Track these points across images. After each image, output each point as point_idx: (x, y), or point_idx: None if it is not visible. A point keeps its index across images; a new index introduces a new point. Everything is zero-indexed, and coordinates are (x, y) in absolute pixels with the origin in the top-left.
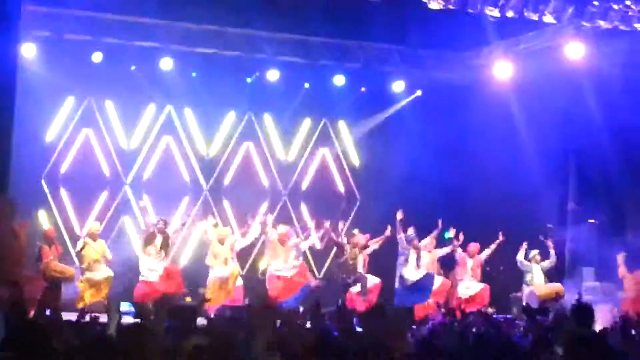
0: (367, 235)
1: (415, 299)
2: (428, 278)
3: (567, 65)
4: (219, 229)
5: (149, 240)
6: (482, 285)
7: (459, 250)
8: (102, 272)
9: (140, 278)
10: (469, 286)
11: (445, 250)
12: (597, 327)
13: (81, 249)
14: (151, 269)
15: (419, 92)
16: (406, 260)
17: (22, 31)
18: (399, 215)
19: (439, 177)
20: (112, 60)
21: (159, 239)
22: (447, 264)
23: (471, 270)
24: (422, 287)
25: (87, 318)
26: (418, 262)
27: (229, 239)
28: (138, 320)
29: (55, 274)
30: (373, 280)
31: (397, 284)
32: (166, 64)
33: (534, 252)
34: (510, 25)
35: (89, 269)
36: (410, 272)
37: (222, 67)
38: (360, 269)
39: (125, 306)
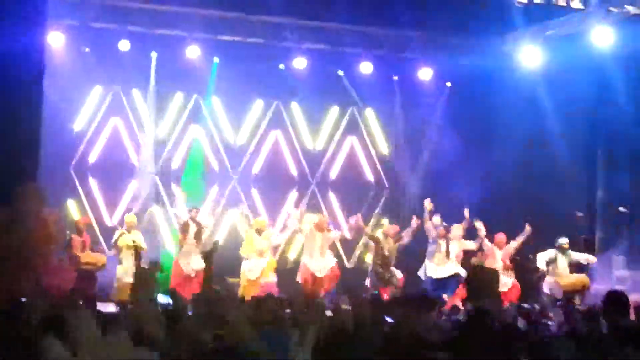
0: (396, 227)
1: (440, 292)
2: (456, 278)
3: (595, 51)
4: (256, 219)
5: (184, 229)
6: (513, 280)
7: (486, 241)
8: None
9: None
10: (501, 280)
11: (474, 243)
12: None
13: (117, 239)
14: (188, 265)
15: (448, 84)
16: (435, 251)
17: (49, 20)
18: (428, 205)
19: (465, 165)
20: (139, 48)
21: (192, 228)
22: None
23: (502, 262)
24: (448, 285)
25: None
26: (447, 251)
27: (267, 231)
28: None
29: (89, 266)
30: (399, 275)
31: (423, 275)
32: (193, 52)
33: (563, 241)
34: (537, 11)
35: (125, 261)
36: (439, 264)
37: (248, 55)
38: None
39: (162, 298)
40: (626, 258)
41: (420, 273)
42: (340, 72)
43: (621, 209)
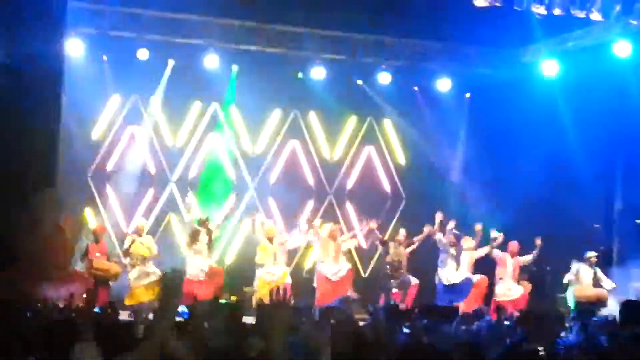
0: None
1: (453, 298)
2: (466, 282)
3: (615, 63)
4: (267, 227)
5: (194, 237)
6: (522, 290)
7: (497, 251)
8: (151, 270)
9: (187, 277)
10: (511, 287)
11: (485, 250)
12: None
13: (129, 247)
14: (197, 268)
15: (467, 95)
16: (446, 260)
17: (68, 28)
18: (439, 217)
19: (484, 175)
20: (157, 57)
21: (203, 236)
22: (487, 263)
23: (512, 270)
24: (460, 290)
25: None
26: (458, 262)
27: (277, 237)
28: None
29: (99, 272)
30: (413, 281)
31: (437, 282)
32: (211, 61)
33: (591, 254)
34: (556, 23)
35: (138, 266)
36: (450, 273)
37: (266, 65)
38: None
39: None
40: None
41: (437, 282)
42: (360, 82)
43: (595, 225)
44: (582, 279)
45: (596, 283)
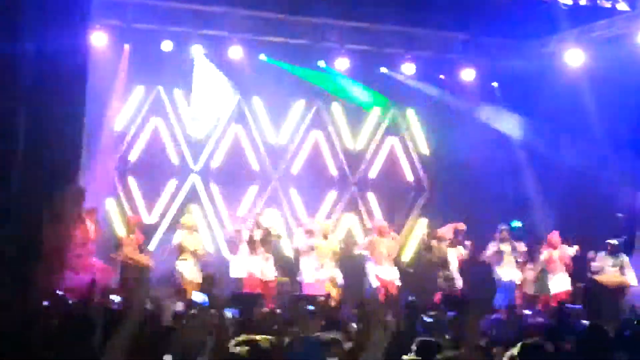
0: (450, 229)
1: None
2: (511, 287)
3: None
4: (320, 224)
5: (252, 239)
6: (569, 280)
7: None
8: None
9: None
10: (563, 279)
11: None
12: None
13: (180, 242)
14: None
15: (495, 84)
16: (504, 255)
17: (92, 20)
18: (461, 226)
19: (507, 166)
20: (181, 49)
21: (258, 233)
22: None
23: (559, 260)
24: (504, 289)
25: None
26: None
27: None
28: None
29: (130, 263)
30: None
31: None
32: (235, 52)
33: (613, 242)
34: (582, 13)
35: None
36: (506, 266)
37: (290, 56)
38: (454, 268)
39: (196, 296)
40: None
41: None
42: (384, 69)
43: (619, 214)
44: (604, 267)
45: (621, 271)
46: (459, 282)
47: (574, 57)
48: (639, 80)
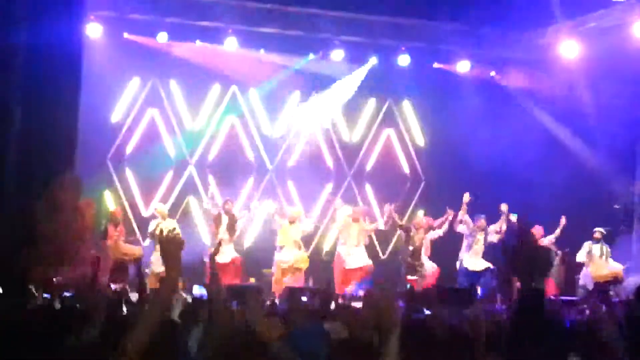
0: (430, 220)
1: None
2: (489, 273)
3: (635, 44)
4: (291, 210)
5: (216, 222)
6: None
7: None
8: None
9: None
10: None
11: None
12: None
13: (154, 230)
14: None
15: (492, 73)
16: (470, 245)
17: (87, 11)
18: (466, 198)
19: (503, 157)
20: (177, 40)
21: (225, 220)
22: None
23: None
24: (482, 279)
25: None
26: (485, 245)
27: (299, 222)
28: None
29: (122, 255)
30: (431, 268)
31: (458, 268)
32: (230, 44)
33: (599, 231)
34: (577, 4)
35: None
36: (474, 259)
37: (285, 47)
38: (424, 254)
39: (196, 289)
40: None
41: (458, 267)
42: (374, 60)
43: (616, 206)
44: (593, 258)
45: (606, 260)
46: (429, 270)
47: (568, 48)
48: (634, 71)
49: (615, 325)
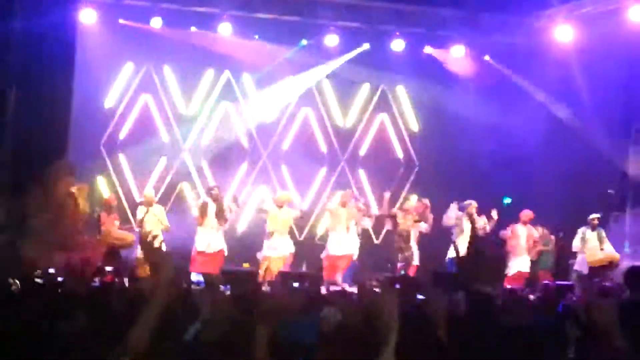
0: (422, 205)
1: None
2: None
3: (630, 28)
4: (281, 193)
5: (202, 210)
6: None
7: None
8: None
9: (197, 249)
10: (523, 262)
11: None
12: None
13: (144, 217)
14: (205, 241)
15: (487, 57)
16: (462, 230)
17: None
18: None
19: (497, 142)
20: (171, 25)
21: (212, 207)
22: None
23: (526, 241)
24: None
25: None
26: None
27: (287, 206)
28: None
29: (115, 241)
30: (416, 258)
31: (449, 255)
32: (225, 29)
33: (593, 216)
34: None
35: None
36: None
37: (281, 33)
38: (413, 241)
39: (193, 276)
40: None
41: (449, 254)
42: (366, 45)
43: (610, 191)
44: (588, 244)
45: (602, 245)
46: (416, 258)
47: (563, 32)
48: (629, 56)
49: (609, 309)
